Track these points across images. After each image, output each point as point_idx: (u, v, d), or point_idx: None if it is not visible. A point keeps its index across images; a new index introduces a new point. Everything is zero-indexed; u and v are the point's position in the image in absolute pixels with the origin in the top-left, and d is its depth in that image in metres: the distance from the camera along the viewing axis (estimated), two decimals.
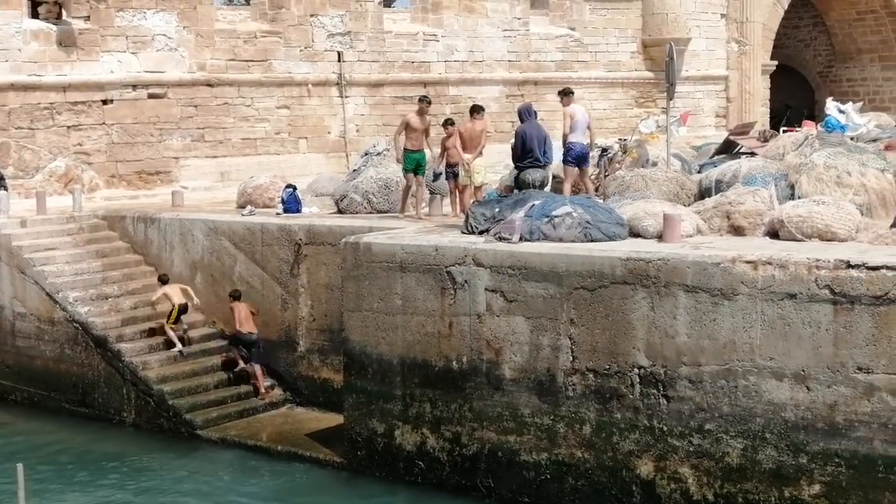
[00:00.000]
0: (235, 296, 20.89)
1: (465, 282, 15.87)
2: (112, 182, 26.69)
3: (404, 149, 19.81)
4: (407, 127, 19.74)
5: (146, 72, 27.39)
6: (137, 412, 20.51)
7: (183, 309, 21.27)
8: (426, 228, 18.06)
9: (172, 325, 21.18)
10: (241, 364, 20.88)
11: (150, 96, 27.34)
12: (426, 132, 19.81)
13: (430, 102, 20.55)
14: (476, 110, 19.86)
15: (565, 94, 19.52)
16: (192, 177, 27.79)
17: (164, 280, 21.79)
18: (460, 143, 19.41)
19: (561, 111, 19.60)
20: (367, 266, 16.76)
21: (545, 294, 14.96)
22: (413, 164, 19.76)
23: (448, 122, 20.20)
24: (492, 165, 21.31)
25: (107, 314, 21.47)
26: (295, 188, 22.47)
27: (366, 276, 16.80)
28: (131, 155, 27.19)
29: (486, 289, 15.57)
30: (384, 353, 16.65)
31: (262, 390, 20.79)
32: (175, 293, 21.37)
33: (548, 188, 18.09)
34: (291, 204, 21.93)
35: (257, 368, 20.91)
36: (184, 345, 21.13)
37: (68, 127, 26.19)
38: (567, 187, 18.67)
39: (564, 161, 19.10)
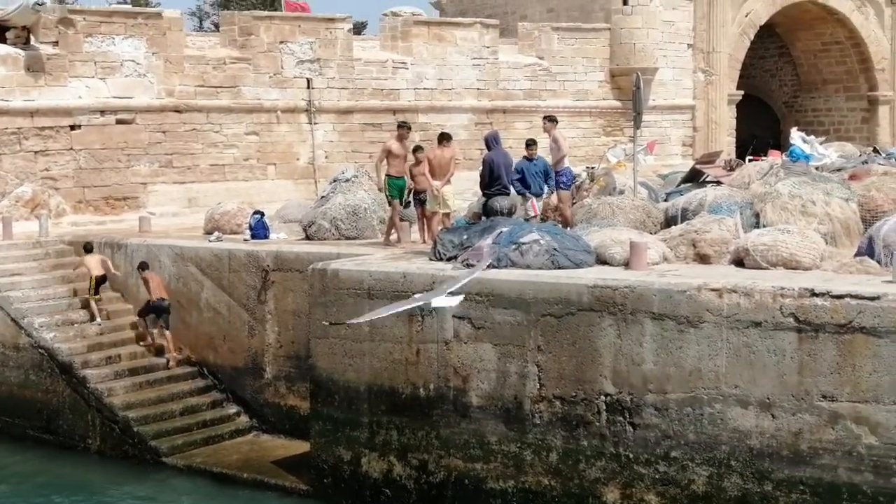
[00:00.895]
0: (144, 266, 21.23)
1: (433, 309, 15.76)
2: (79, 207, 26.52)
3: (388, 175, 19.73)
4: (389, 154, 19.73)
5: (114, 97, 27.28)
6: (102, 439, 20.32)
7: (100, 280, 21.37)
8: (394, 255, 17.97)
9: (95, 297, 21.38)
10: (150, 339, 21.32)
11: (119, 122, 27.24)
12: (407, 158, 19.87)
13: (409, 128, 20.53)
14: (444, 138, 19.80)
15: (552, 121, 19.63)
16: (159, 203, 27.66)
17: (88, 249, 21.95)
18: (429, 170, 19.38)
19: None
20: (334, 293, 16.66)
21: (513, 321, 14.94)
22: (398, 190, 19.75)
23: (417, 149, 20.13)
24: (460, 193, 21.27)
25: (72, 340, 21.33)
26: (262, 214, 22.37)
27: (333, 302, 16.69)
28: (99, 180, 27.06)
29: (453, 316, 15.53)
30: (351, 381, 16.54)
31: (173, 356, 21.07)
32: (94, 264, 21.55)
33: (516, 215, 18.06)
34: (259, 230, 21.80)
35: (168, 335, 21.15)
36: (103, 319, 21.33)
37: (35, 152, 26.06)
38: (569, 211, 18.77)
39: (560, 186, 19.12)
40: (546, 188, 18.26)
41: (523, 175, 18.29)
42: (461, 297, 14.11)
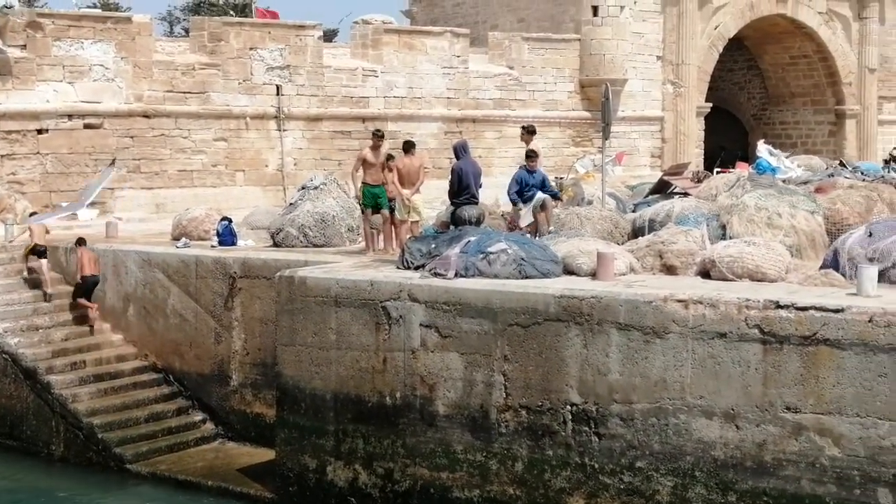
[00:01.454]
0: (81, 242, 21.56)
1: (400, 317, 15.70)
2: (46, 212, 26.19)
3: (363, 183, 19.63)
4: (364, 162, 19.66)
5: (82, 102, 27.11)
6: (66, 445, 20.12)
7: (39, 252, 21.71)
8: (362, 263, 17.82)
9: (31, 256, 21.76)
10: (91, 315, 21.55)
11: (86, 126, 27.06)
12: (383, 166, 19.71)
13: (383, 136, 20.34)
14: (409, 146, 19.77)
15: (530, 132, 19.58)
16: (126, 208, 27.46)
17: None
18: (398, 178, 19.36)
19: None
20: (301, 300, 16.54)
21: (479, 330, 14.89)
22: (372, 199, 19.63)
23: (388, 158, 20.04)
24: (429, 201, 21.22)
25: (37, 345, 21.13)
26: (230, 221, 22.17)
27: (300, 310, 16.57)
28: (66, 185, 26.87)
29: (420, 324, 15.45)
30: (317, 388, 16.42)
31: (95, 319, 21.52)
32: (38, 231, 22.06)
33: (483, 224, 17.90)
34: (226, 237, 21.61)
35: (94, 306, 21.57)
36: (41, 288, 21.56)
37: (2, 156, 25.86)
38: (549, 221, 18.60)
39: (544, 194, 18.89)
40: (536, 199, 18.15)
41: (521, 186, 18.25)
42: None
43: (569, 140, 35.97)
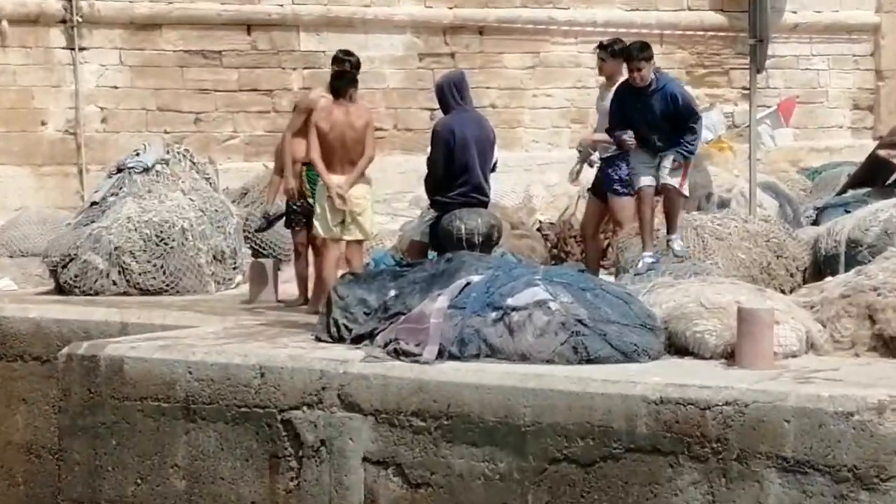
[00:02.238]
0: None
1: (323, 443, 11.13)
2: None
3: (305, 165, 14.06)
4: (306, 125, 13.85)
5: None
6: None
7: None
8: (241, 329, 13.15)
9: None
10: None
11: None
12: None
13: (356, 66, 14.11)
14: (342, 86, 13.72)
15: (615, 54, 14.50)
16: None
17: None
18: (319, 150, 13.60)
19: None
20: (113, 406, 12.17)
21: (490, 472, 10.58)
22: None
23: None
24: (383, 200, 16.08)
25: None
26: None
27: (111, 426, 12.20)
28: None
29: (365, 459, 10.93)
30: None
31: None
32: None
33: (501, 249, 13.63)
34: None
35: None
36: None
37: None
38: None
39: (613, 186, 14.40)
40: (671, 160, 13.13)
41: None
42: None
43: (682, 72, 25.56)
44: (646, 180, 13.18)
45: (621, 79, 13.91)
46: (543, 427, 9.95)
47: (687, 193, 13.54)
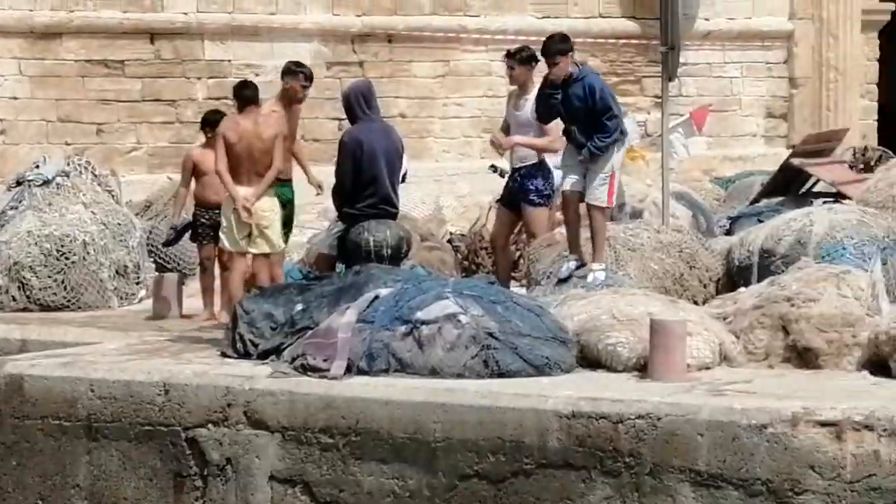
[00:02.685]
0: None
1: (229, 462, 10.90)
2: None
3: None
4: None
5: None
6: None
7: None
8: (144, 346, 12.88)
9: None
10: None
11: None
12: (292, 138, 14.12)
13: (309, 78, 14.16)
14: (246, 97, 13.75)
15: (524, 61, 14.37)
16: None
17: None
18: (225, 161, 13.48)
19: None
20: (13, 425, 11.86)
21: (400, 488, 10.56)
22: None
23: (212, 122, 14.33)
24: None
25: None
26: None
27: (11, 446, 11.87)
28: None
29: (272, 477, 10.75)
30: None
31: None
32: None
33: (411, 261, 13.47)
34: None
35: None
36: None
37: None
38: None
39: (529, 196, 14.31)
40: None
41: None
42: None
43: None
44: (569, 183, 13.22)
45: (533, 86, 13.89)
46: (454, 443, 9.87)
47: (613, 204, 13.66)
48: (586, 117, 13.21)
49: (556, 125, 13.96)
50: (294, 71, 13.71)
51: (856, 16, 24.93)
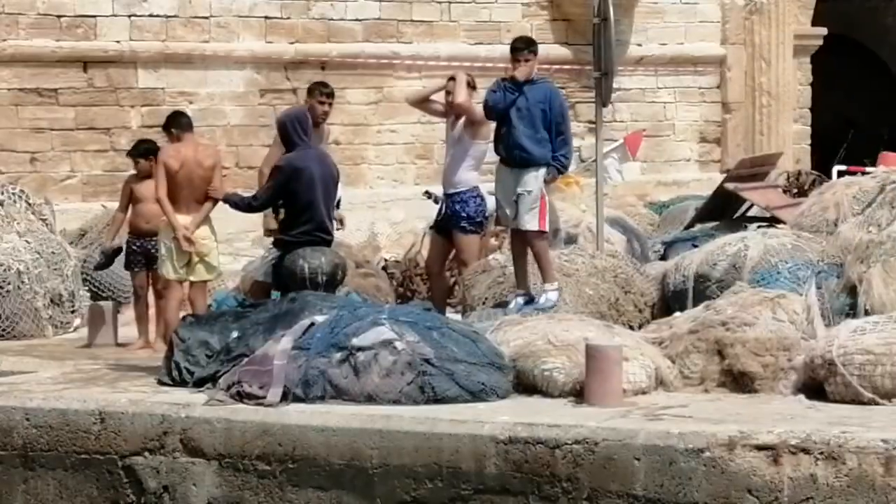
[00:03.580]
0: None
1: (166, 490, 10.93)
2: None
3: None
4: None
5: None
6: None
7: None
8: (80, 374, 12.84)
9: None
10: None
11: None
12: None
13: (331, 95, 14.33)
14: (182, 124, 13.68)
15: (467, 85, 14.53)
16: None
17: None
18: (165, 188, 13.48)
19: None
20: None
21: None
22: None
23: (141, 151, 14.30)
24: (226, 239, 15.42)
25: None
26: None
27: None
28: None
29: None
30: None
31: None
32: None
33: (346, 288, 13.49)
34: None
35: None
36: None
37: None
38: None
39: (459, 222, 14.20)
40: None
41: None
42: None
43: None
44: (504, 217, 13.23)
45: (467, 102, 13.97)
46: (391, 469, 9.84)
47: (547, 229, 13.54)
48: (534, 122, 13.19)
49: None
50: (311, 89, 13.87)
51: (787, 41, 24.95)
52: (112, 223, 14.78)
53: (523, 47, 13.78)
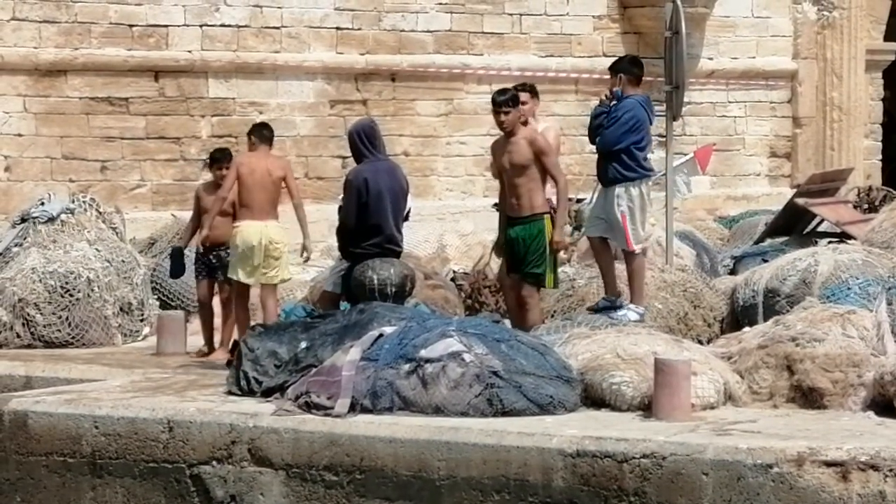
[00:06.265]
0: None
1: (233, 499, 10.95)
2: None
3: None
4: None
5: None
6: None
7: None
8: (148, 383, 12.76)
9: None
10: None
11: None
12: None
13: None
14: (263, 135, 13.71)
15: (532, 94, 14.29)
16: None
17: None
18: (228, 190, 13.81)
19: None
20: (17, 462, 11.79)
21: None
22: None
23: (217, 158, 14.19)
24: (295, 249, 14.95)
25: None
26: None
27: (16, 483, 11.84)
28: None
29: None
30: None
31: None
32: None
33: (414, 299, 13.37)
34: None
35: None
36: None
37: None
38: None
39: None
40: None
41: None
42: None
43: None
44: (594, 230, 13.16)
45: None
46: (458, 481, 9.86)
47: (636, 248, 13.38)
48: (623, 142, 13.10)
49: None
50: (493, 99, 13.49)
51: (859, 56, 24.73)
52: (188, 225, 15.03)
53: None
